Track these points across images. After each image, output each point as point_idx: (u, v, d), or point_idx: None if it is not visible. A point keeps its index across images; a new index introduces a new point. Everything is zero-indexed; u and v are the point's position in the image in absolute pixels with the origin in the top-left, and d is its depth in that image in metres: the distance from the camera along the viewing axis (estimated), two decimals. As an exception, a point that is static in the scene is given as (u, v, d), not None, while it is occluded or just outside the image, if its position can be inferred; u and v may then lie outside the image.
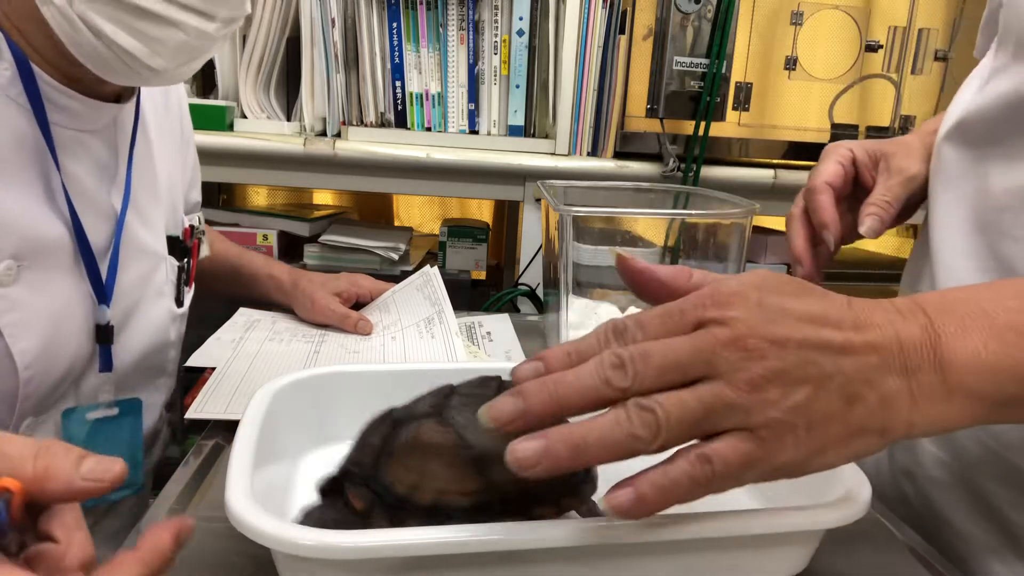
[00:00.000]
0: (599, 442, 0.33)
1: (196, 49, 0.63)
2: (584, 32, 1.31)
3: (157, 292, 0.76)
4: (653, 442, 0.33)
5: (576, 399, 0.34)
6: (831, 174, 0.61)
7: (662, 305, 0.36)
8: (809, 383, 0.33)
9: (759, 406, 0.33)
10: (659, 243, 0.88)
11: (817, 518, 0.40)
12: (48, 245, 0.63)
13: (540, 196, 0.85)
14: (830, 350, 0.33)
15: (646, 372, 0.33)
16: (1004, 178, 0.51)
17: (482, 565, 0.38)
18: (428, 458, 0.40)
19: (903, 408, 0.34)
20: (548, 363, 0.36)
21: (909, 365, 0.34)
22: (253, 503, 0.37)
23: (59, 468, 0.34)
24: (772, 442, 0.33)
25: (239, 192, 1.81)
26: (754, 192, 1.36)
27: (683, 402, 0.33)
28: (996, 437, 0.51)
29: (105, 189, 0.69)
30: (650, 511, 0.34)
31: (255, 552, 0.37)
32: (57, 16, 0.57)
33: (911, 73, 1.38)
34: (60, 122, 0.63)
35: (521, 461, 0.33)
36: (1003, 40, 0.54)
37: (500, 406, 0.34)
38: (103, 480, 0.34)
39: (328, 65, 1.33)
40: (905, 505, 0.60)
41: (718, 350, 0.33)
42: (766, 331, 0.33)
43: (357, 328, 0.87)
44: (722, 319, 0.34)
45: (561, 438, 0.33)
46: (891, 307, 0.36)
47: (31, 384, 0.62)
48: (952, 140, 0.57)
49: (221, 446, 0.59)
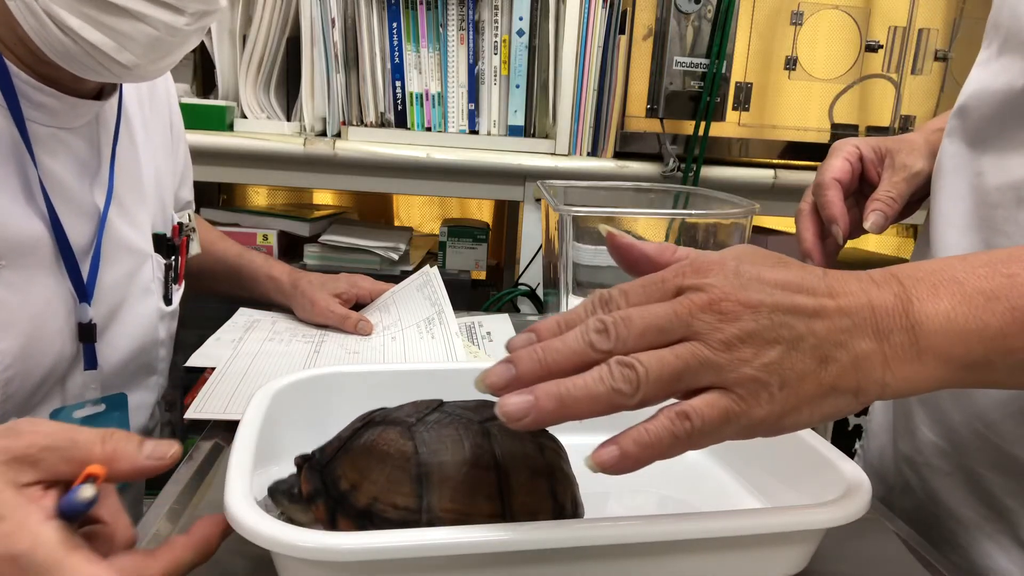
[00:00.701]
0: (584, 396, 0.35)
1: (168, 44, 0.62)
2: (584, 32, 1.31)
3: (143, 290, 0.76)
4: (634, 396, 0.35)
5: (564, 363, 0.36)
6: (839, 170, 0.63)
7: (645, 275, 0.39)
8: (781, 343, 0.35)
9: (733, 364, 0.34)
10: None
11: (817, 517, 0.40)
12: (27, 244, 0.62)
13: (540, 196, 0.85)
14: (803, 313, 0.35)
15: (628, 335, 0.36)
16: (997, 175, 0.53)
17: (482, 566, 0.38)
18: (374, 463, 0.41)
19: (876, 369, 0.36)
20: (539, 333, 0.38)
21: (881, 328, 0.36)
22: (252, 504, 0.37)
23: (125, 451, 0.39)
24: (748, 399, 0.35)
25: (239, 192, 1.81)
26: (754, 192, 1.36)
27: (661, 359, 0.35)
28: (989, 425, 0.52)
29: (87, 187, 0.68)
30: (633, 466, 0.35)
31: (255, 552, 0.37)
32: (24, 11, 0.57)
33: (911, 73, 1.38)
34: (37, 119, 0.63)
35: (510, 415, 0.35)
36: (991, 35, 0.56)
37: (494, 372, 0.36)
38: (164, 458, 0.40)
39: (328, 65, 1.33)
40: (908, 492, 0.61)
41: (695, 312, 0.35)
42: (741, 295, 0.35)
43: (357, 329, 0.87)
44: (700, 286, 0.36)
45: (547, 393, 0.35)
46: (866, 277, 0.37)
47: (12, 384, 0.62)
48: (950, 136, 0.59)
49: (221, 446, 0.59)
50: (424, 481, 0.40)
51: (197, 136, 1.27)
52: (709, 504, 0.53)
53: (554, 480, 0.43)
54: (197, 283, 0.93)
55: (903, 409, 0.62)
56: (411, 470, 0.40)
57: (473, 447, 0.41)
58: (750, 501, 0.52)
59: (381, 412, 0.45)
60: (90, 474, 0.37)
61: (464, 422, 0.43)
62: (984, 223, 0.53)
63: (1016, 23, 0.52)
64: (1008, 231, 0.51)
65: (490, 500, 0.40)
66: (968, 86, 0.57)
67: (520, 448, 0.43)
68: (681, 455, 0.34)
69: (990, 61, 0.55)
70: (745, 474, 0.55)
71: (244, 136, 1.30)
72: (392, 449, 0.41)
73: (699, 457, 0.58)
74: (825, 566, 0.45)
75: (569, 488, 0.44)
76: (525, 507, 0.41)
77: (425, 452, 0.41)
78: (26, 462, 0.37)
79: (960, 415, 0.54)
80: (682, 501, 0.53)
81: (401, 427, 0.42)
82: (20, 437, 0.37)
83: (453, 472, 0.40)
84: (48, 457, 0.37)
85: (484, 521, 0.39)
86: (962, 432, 0.54)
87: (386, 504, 0.40)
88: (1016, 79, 0.51)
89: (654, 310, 0.36)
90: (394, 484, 0.40)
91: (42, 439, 0.37)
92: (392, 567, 0.37)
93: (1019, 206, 0.50)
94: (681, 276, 0.37)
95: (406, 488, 0.40)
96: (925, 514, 0.58)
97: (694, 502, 0.53)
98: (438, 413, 0.44)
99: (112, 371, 0.72)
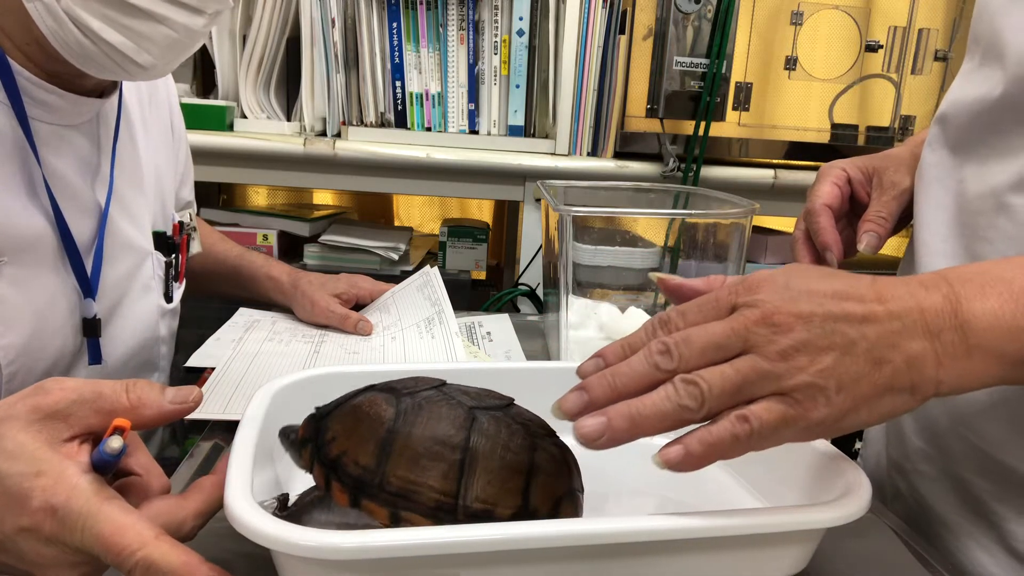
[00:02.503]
0: (653, 414, 0.37)
1: (183, 45, 0.63)
2: (584, 32, 1.31)
3: (144, 287, 0.76)
4: (699, 411, 0.37)
5: (632, 385, 0.39)
6: (828, 195, 0.64)
7: (701, 297, 0.41)
8: (835, 349, 0.37)
9: (790, 372, 0.36)
10: (659, 243, 0.88)
11: (817, 517, 0.40)
12: (30, 240, 0.63)
13: (540, 196, 0.85)
14: (853, 320, 0.37)
15: (689, 354, 0.38)
16: (977, 183, 0.53)
17: (482, 564, 0.38)
18: (354, 421, 0.44)
19: (929, 367, 0.37)
20: (606, 357, 0.41)
21: (931, 328, 0.37)
22: (252, 503, 0.37)
23: (149, 397, 0.41)
24: (805, 403, 0.36)
25: (239, 192, 1.81)
26: (754, 192, 1.36)
27: (723, 374, 0.37)
28: (975, 431, 0.52)
29: (88, 184, 0.69)
30: (697, 464, 0.37)
31: (255, 552, 0.37)
32: (43, 12, 0.57)
33: (911, 73, 1.38)
34: (39, 117, 0.63)
35: (587, 436, 0.37)
36: (972, 47, 0.57)
37: (569, 400, 0.39)
38: (187, 402, 0.42)
39: (328, 65, 1.33)
40: (898, 498, 0.62)
41: (750, 327, 0.37)
42: (792, 308, 0.37)
43: (357, 329, 0.87)
44: (753, 302, 0.38)
45: (619, 413, 0.37)
46: (914, 281, 0.39)
47: (15, 379, 0.62)
48: (931, 145, 0.60)
49: (221, 446, 0.59)
50: (387, 446, 0.42)
51: (197, 136, 1.27)
52: (709, 505, 0.52)
53: (533, 480, 0.42)
54: (198, 283, 0.93)
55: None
56: (380, 433, 0.42)
57: (450, 427, 0.42)
58: (750, 502, 0.52)
59: (388, 381, 0.47)
60: (117, 427, 0.38)
61: (455, 403, 0.44)
62: (966, 230, 0.54)
63: (993, 36, 0.53)
64: (990, 237, 0.51)
65: (444, 479, 0.41)
66: (949, 95, 0.59)
67: (503, 441, 0.42)
68: None
69: (972, 72, 0.56)
70: (745, 475, 0.55)
71: (244, 136, 1.30)
72: (372, 411, 0.43)
73: (699, 457, 0.58)
74: (825, 566, 0.45)
75: (552, 492, 0.43)
76: (482, 496, 0.41)
77: (400, 421, 0.43)
78: (58, 418, 0.38)
79: (947, 421, 0.55)
80: (682, 502, 0.53)
81: (391, 395, 0.44)
82: (48, 395, 0.39)
83: (417, 444, 0.42)
84: (78, 411, 0.39)
85: (431, 497, 0.40)
86: (948, 438, 0.55)
87: (350, 459, 0.42)
88: (993, 88, 0.52)
89: (712, 328, 0.38)
90: (362, 443, 0.42)
91: (70, 394, 0.39)
92: (392, 566, 0.37)
93: (999, 213, 0.51)
94: (734, 294, 0.39)
95: (370, 448, 0.42)
96: (914, 520, 0.59)
97: (694, 503, 0.53)
98: (435, 391, 0.45)
99: (115, 367, 0.73)
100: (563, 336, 0.77)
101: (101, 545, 0.36)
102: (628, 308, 0.82)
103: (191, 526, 0.40)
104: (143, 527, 0.37)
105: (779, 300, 0.38)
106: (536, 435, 0.44)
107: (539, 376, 0.60)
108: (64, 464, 0.37)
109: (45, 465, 0.37)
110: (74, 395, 0.39)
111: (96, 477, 0.38)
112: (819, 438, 0.38)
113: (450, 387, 0.46)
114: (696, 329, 0.39)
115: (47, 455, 0.37)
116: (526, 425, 0.44)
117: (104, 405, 0.39)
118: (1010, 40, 0.51)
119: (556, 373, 0.61)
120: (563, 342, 0.77)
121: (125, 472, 0.42)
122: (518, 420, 0.45)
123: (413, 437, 0.42)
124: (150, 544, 0.36)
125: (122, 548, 0.36)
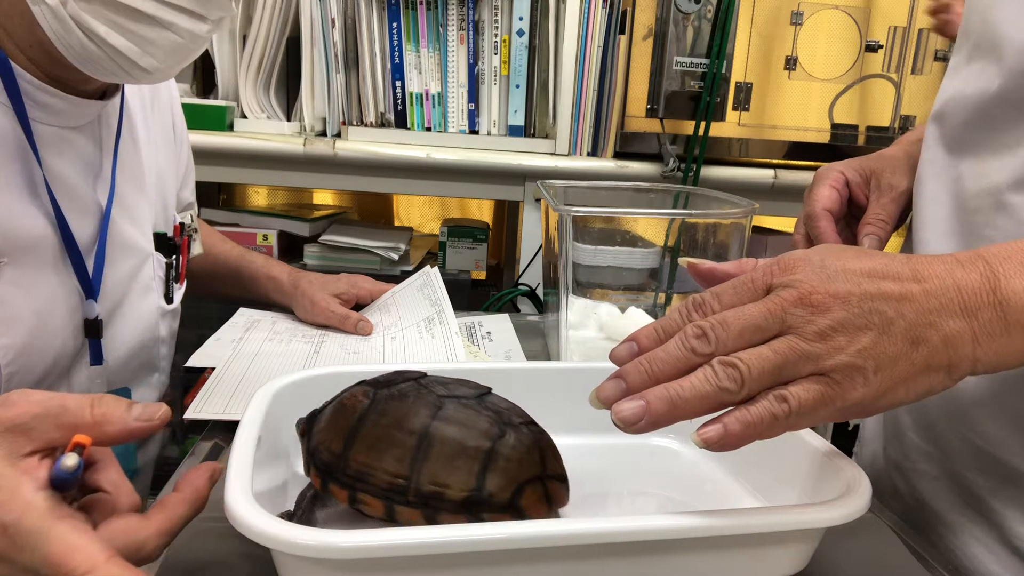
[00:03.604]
0: (692, 397, 0.37)
1: (187, 50, 0.63)
2: (584, 32, 1.31)
3: (144, 288, 0.76)
4: (739, 392, 0.37)
5: (669, 371, 0.38)
6: (827, 199, 0.64)
7: (735, 278, 0.41)
8: (873, 329, 0.37)
9: (829, 352, 0.36)
10: (659, 243, 0.88)
11: (817, 516, 0.40)
12: (31, 241, 0.63)
13: (540, 196, 0.85)
14: (890, 299, 0.37)
15: (727, 337, 0.38)
16: (975, 181, 0.53)
17: (482, 564, 0.38)
18: (333, 411, 0.46)
19: (966, 345, 0.37)
20: (640, 342, 0.41)
21: (968, 306, 0.37)
22: (253, 503, 0.37)
23: (114, 414, 0.39)
24: (843, 383, 0.36)
25: (239, 192, 1.81)
26: (754, 192, 1.36)
27: (761, 355, 0.37)
28: (975, 429, 0.52)
29: (90, 185, 0.69)
30: (735, 443, 0.37)
31: (255, 552, 0.37)
32: (48, 16, 0.57)
33: (911, 73, 1.38)
34: (41, 119, 0.63)
35: (625, 420, 0.37)
36: (960, 42, 0.57)
37: (606, 388, 0.39)
38: (153, 419, 0.40)
39: (328, 65, 1.33)
40: (896, 497, 0.62)
41: (788, 308, 0.37)
42: (829, 287, 0.37)
43: (357, 329, 0.87)
44: (789, 283, 0.38)
45: (657, 396, 0.37)
46: (951, 259, 0.39)
47: (14, 379, 0.62)
48: (928, 143, 0.59)
49: (221, 446, 0.59)
50: (354, 433, 0.44)
51: (197, 136, 1.27)
52: (709, 505, 0.52)
53: (492, 464, 0.42)
54: (199, 284, 0.94)
55: (892, 415, 0.62)
56: (350, 423, 0.44)
57: (412, 414, 0.43)
58: (750, 502, 0.52)
59: (377, 376, 0.49)
60: (77, 443, 0.38)
61: (425, 392, 0.45)
62: (965, 228, 0.54)
63: (986, 29, 0.53)
64: (989, 236, 0.51)
65: (398, 462, 0.42)
66: (943, 93, 0.58)
67: (464, 427, 0.43)
68: (681, 458, 0.35)
69: (959, 67, 0.56)
70: (745, 475, 0.55)
71: (244, 136, 1.30)
72: (350, 403, 0.46)
73: (699, 459, 0.58)
74: (825, 566, 0.45)
75: (513, 478, 0.42)
76: (432, 477, 0.42)
77: (372, 411, 0.44)
78: (20, 431, 0.37)
79: (946, 420, 0.55)
80: (682, 503, 0.53)
81: (370, 387, 0.46)
82: (13, 407, 0.38)
83: (379, 431, 0.43)
84: (40, 425, 0.38)
85: (384, 479, 0.42)
86: (948, 436, 0.55)
87: (324, 448, 0.45)
88: (989, 84, 0.52)
89: (748, 310, 0.38)
90: (334, 432, 0.45)
91: (34, 407, 0.38)
92: (391, 565, 0.37)
93: (997, 211, 0.50)
94: (770, 275, 0.39)
95: (339, 436, 0.44)
96: (913, 518, 0.59)
97: (695, 504, 0.53)
98: (413, 382, 0.46)
99: (116, 367, 0.73)
100: (563, 336, 0.77)
101: (50, 566, 0.35)
102: (628, 308, 0.82)
103: (153, 546, 0.39)
104: (95, 549, 0.35)
105: (816, 280, 0.37)
106: (508, 422, 0.44)
107: (539, 376, 0.60)
108: (20, 480, 0.36)
109: (1, 480, 0.36)
110: (38, 408, 0.38)
111: (52, 495, 0.37)
112: (856, 417, 0.38)
113: (430, 378, 0.47)
114: (732, 312, 0.38)
115: (4, 470, 0.36)
116: (499, 412, 0.45)
117: (67, 420, 0.38)
118: (1006, 33, 0.50)
119: (556, 373, 0.61)
120: (563, 342, 0.77)
121: (93, 488, 0.41)
122: (490, 408, 0.45)
123: (378, 424, 0.43)
124: (100, 568, 0.34)
125: (70, 570, 0.34)
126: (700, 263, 0.47)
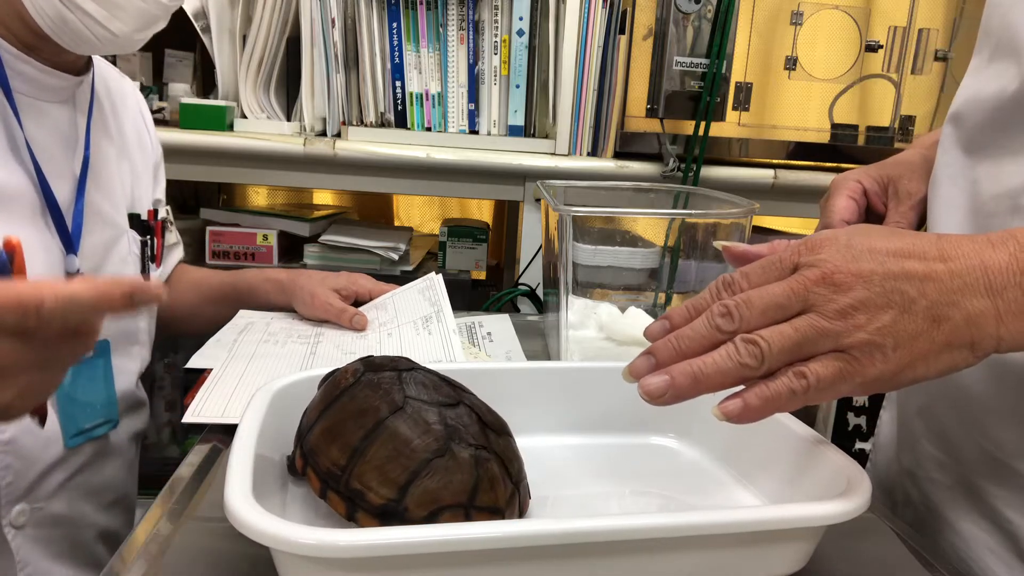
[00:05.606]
0: (715, 372, 0.39)
1: (152, 17, 0.70)
2: (584, 32, 1.31)
3: (121, 260, 0.81)
4: (759, 368, 0.38)
5: (696, 348, 0.40)
6: (845, 210, 0.63)
7: (764, 258, 0.42)
8: (893, 307, 0.37)
9: (848, 330, 0.37)
10: (659, 243, 0.88)
11: (817, 513, 0.40)
12: (11, 194, 0.67)
13: (540, 196, 0.85)
14: (913, 278, 0.38)
15: (750, 315, 0.39)
16: (992, 184, 0.52)
17: (482, 563, 0.38)
18: (330, 380, 0.48)
19: (989, 324, 0.38)
20: (672, 319, 0.43)
21: (994, 285, 0.37)
22: (253, 503, 0.37)
23: None
24: (862, 359, 0.37)
25: (239, 192, 1.81)
26: (754, 192, 1.36)
27: (782, 333, 0.38)
28: (990, 438, 0.52)
29: (68, 156, 0.74)
30: (755, 416, 0.39)
31: (255, 552, 0.37)
32: None
33: (911, 73, 1.38)
34: (19, 89, 0.69)
35: (651, 392, 0.39)
36: (982, 42, 0.56)
37: (637, 364, 0.41)
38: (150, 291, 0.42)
39: (328, 65, 1.33)
40: (909, 505, 0.61)
41: (810, 287, 0.38)
42: (852, 267, 0.38)
43: (352, 323, 0.87)
44: (813, 262, 0.39)
45: (681, 372, 0.39)
46: (983, 238, 0.39)
47: None
48: (945, 145, 0.58)
49: (219, 448, 0.59)
50: (325, 409, 0.45)
51: (197, 136, 1.27)
52: (710, 503, 0.53)
53: (418, 481, 0.41)
54: (197, 318, 0.97)
55: (905, 422, 0.62)
56: (330, 397, 0.46)
57: (371, 409, 0.44)
58: (751, 500, 0.52)
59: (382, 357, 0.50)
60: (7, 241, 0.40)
61: (396, 389, 0.45)
62: (980, 231, 0.52)
63: (1006, 30, 0.52)
64: None
65: (341, 451, 0.43)
66: (961, 93, 0.57)
67: (410, 436, 0.42)
68: (681, 457, 0.35)
69: (981, 68, 0.54)
70: (746, 474, 0.55)
71: (244, 136, 1.30)
72: (339, 377, 0.47)
73: (699, 457, 0.58)
74: (825, 565, 0.45)
75: (433, 500, 0.41)
76: (360, 475, 0.42)
77: (346, 393, 0.45)
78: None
79: (961, 429, 0.54)
80: (683, 502, 0.53)
81: (362, 367, 0.48)
82: None
83: (341, 415, 0.44)
84: None
85: (325, 464, 0.43)
86: (963, 445, 0.54)
87: (306, 414, 0.47)
88: (1007, 85, 0.50)
89: (772, 290, 0.39)
90: (318, 401, 0.47)
91: None
92: (391, 564, 0.37)
93: (1014, 215, 0.50)
94: (796, 254, 0.40)
95: (318, 408, 0.46)
96: (926, 527, 0.58)
97: (696, 503, 0.53)
98: (395, 374, 0.47)
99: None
100: (563, 336, 0.77)
101: None
102: (628, 308, 0.82)
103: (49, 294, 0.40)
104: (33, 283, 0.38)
105: (840, 259, 0.38)
106: (457, 440, 0.43)
107: (539, 376, 0.60)
108: None
109: None
110: None
111: None
112: (878, 391, 0.39)
113: (414, 375, 0.47)
114: (756, 291, 0.40)
115: None
116: (455, 429, 0.43)
117: None
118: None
119: (556, 373, 0.61)
120: (563, 342, 0.77)
121: None
122: (450, 421, 0.44)
123: (345, 409, 0.45)
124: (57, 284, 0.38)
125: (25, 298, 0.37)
126: (734, 246, 0.48)
